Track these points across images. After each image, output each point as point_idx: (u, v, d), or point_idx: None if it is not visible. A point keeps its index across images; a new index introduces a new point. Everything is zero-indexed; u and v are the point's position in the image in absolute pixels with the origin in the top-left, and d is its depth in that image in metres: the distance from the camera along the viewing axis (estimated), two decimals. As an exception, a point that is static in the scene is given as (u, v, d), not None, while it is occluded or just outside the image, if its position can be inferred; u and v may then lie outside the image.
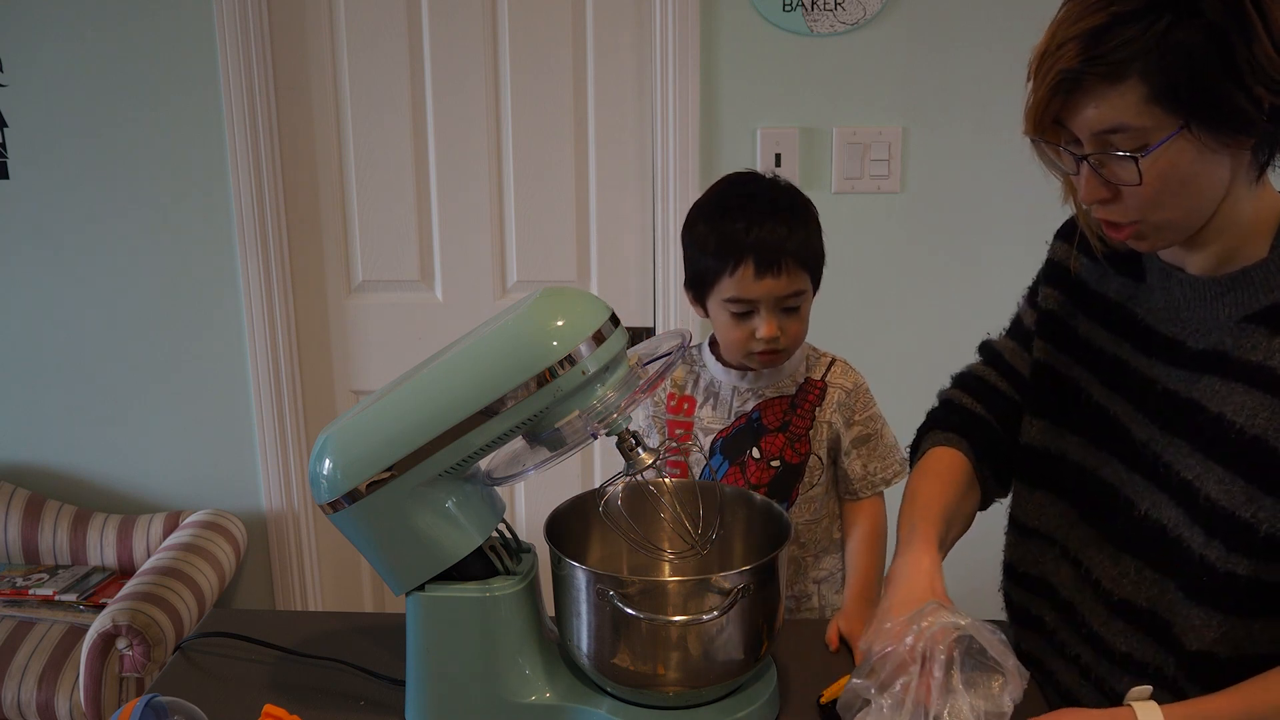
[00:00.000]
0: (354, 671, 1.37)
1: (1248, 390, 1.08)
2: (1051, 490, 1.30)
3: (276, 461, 2.69)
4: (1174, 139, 1.02)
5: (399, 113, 2.55)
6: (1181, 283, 1.16)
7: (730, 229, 1.45)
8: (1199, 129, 1.02)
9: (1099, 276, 1.27)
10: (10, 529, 2.66)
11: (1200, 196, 1.07)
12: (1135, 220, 1.09)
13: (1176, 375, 1.15)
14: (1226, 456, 1.09)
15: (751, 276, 1.44)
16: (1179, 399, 1.14)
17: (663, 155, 2.48)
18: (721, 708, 1.23)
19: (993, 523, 1.43)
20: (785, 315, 1.48)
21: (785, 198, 1.50)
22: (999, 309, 2.53)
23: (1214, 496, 1.09)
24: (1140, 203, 1.07)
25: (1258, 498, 1.06)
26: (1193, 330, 1.15)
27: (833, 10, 2.40)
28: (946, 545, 1.31)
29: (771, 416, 1.56)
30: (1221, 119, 1.01)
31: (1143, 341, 1.20)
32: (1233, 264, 1.11)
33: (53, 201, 2.60)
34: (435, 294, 2.67)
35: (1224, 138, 1.03)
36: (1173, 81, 1.00)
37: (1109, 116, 1.03)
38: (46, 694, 2.29)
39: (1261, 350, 1.07)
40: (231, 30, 2.44)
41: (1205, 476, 1.10)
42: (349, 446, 1.19)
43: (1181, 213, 1.08)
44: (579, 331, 1.13)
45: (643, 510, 1.35)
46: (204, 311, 2.63)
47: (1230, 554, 1.09)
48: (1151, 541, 1.16)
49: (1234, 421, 1.08)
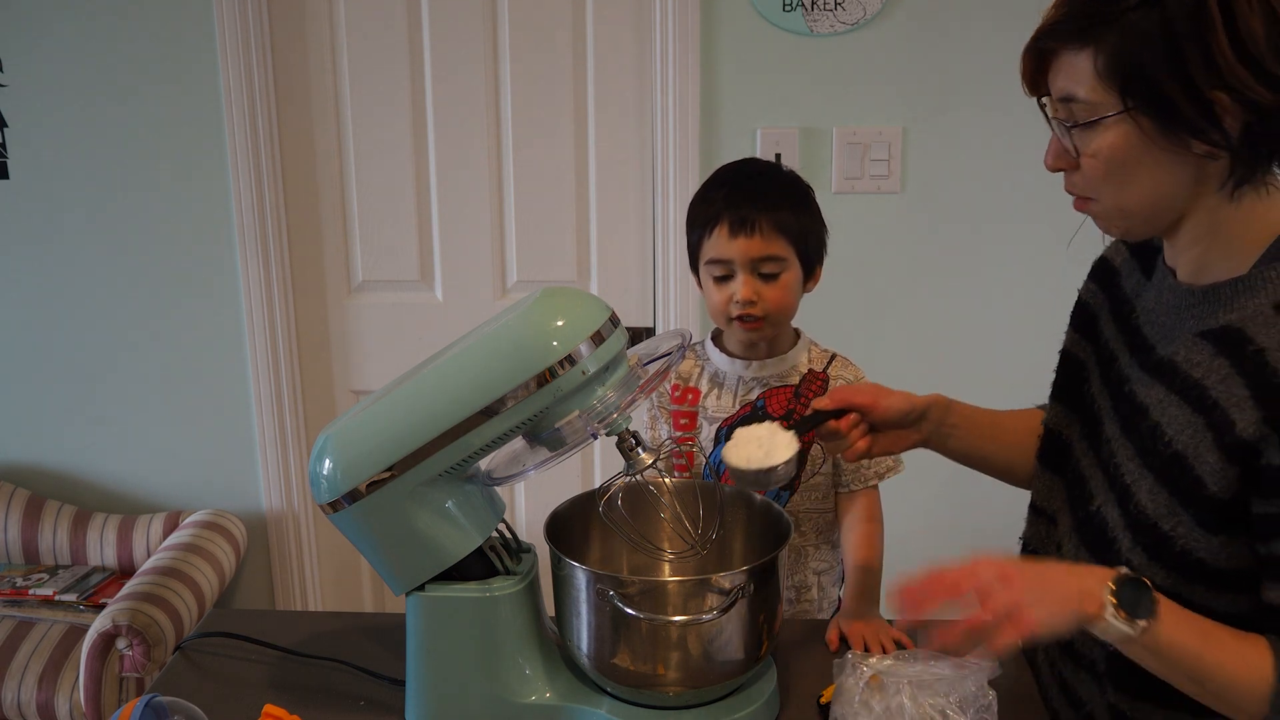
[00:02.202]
0: (354, 671, 1.37)
1: (1180, 405, 1.07)
2: (1057, 473, 1.32)
3: (276, 462, 2.69)
4: (1116, 120, 1.02)
5: (399, 113, 2.55)
6: (1170, 287, 1.16)
7: (712, 197, 1.53)
8: (1141, 117, 1.02)
9: (1128, 271, 1.27)
10: (10, 529, 2.66)
11: (1145, 189, 1.06)
12: (1090, 198, 1.10)
13: (1141, 379, 1.15)
14: (1157, 467, 1.08)
15: (726, 236, 1.50)
16: (1136, 402, 1.14)
17: (663, 155, 2.48)
18: (721, 708, 1.23)
19: (1018, 503, 1.43)
20: (763, 281, 1.51)
21: (774, 175, 1.57)
22: (999, 309, 2.55)
23: (1143, 504, 1.09)
24: (1087, 179, 1.08)
25: (1178, 512, 1.06)
26: (1162, 336, 1.15)
27: (833, 10, 2.40)
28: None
29: (776, 404, 1.57)
30: (1164, 114, 1.01)
31: (1132, 340, 1.21)
32: (1209, 276, 1.10)
33: (53, 201, 2.60)
34: (435, 294, 2.67)
35: (1170, 135, 1.01)
36: (1119, 62, 1.01)
37: (1066, 84, 1.05)
38: (46, 694, 2.29)
39: (1202, 368, 1.06)
40: (231, 30, 2.44)
41: (1140, 483, 1.10)
42: (349, 446, 1.19)
43: (1129, 201, 1.07)
44: (579, 331, 1.13)
45: (643, 510, 1.35)
46: (204, 311, 2.63)
47: (1150, 563, 1.09)
48: (1097, 538, 1.17)
49: (1165, 433, 1.07)
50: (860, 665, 1.20)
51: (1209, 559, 1.06)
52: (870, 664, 1.20)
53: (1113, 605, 1.01)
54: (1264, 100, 0.98)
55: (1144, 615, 1.01)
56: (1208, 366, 1.05)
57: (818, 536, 1.62)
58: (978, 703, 1.15)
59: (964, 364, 2.55)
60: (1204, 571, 1.06)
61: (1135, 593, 1.02)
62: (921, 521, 2.43)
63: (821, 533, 1.62)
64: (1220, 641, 1.03)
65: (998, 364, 2.49)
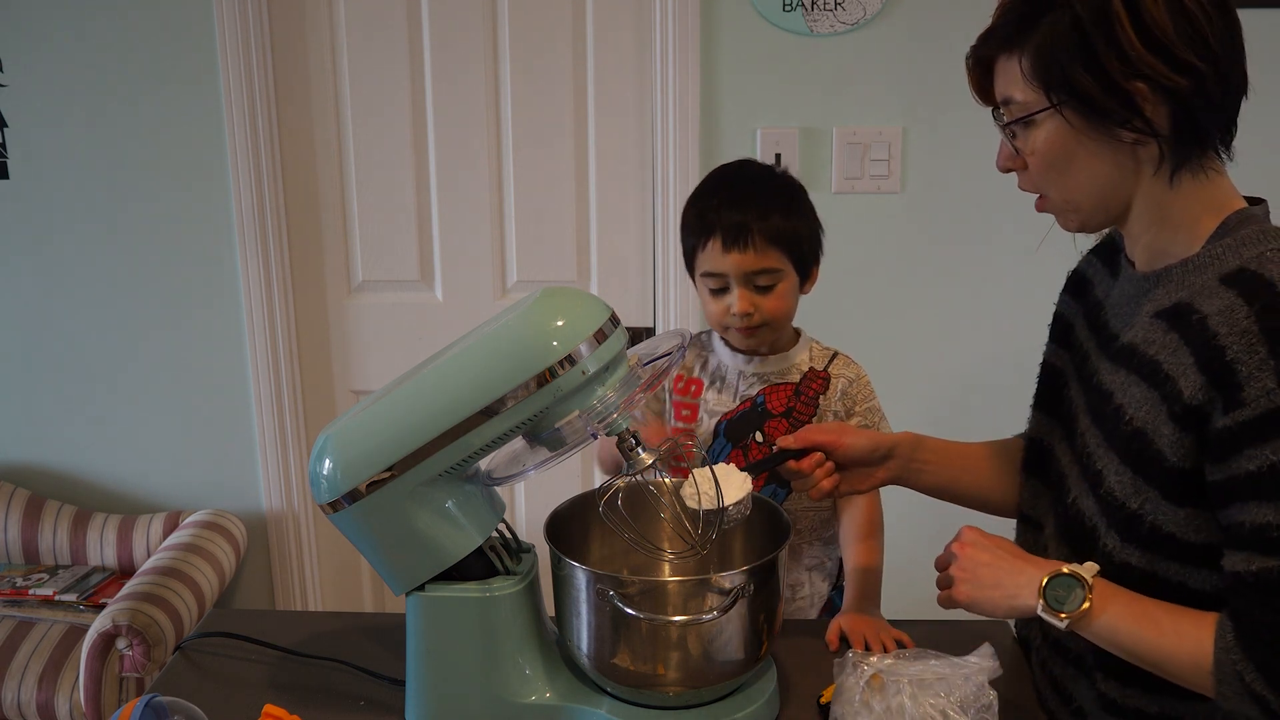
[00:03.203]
0: (354, 671, 1.37)
1: (1139, 383, 1.11)
2: (1040, 479, 1.34)
3: (276, 462, 2.69)
4: (1046, 117, 1.10)
5: (399, 113, 2.55)
6: (1129, 277, 1.20)
7: (705, 206, 1.52)
8: (1068, 112, 1.08)
9: (1100, 278, 1.30)
10: (10, 529, 2.66)
11: (1086, 180, 1.12)
12: (1041, 195, 1.17)
13: (1106, 367, 1.19)
14: (1120, 448, 1.12)
15: (719, 250, 1.49)
16: (1102, 390, 1.18)
17: (663, 155, 2.48)
18: (721, 708, 1.23)
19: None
20: (759, 293, 1.50)
21: (768, 180, 1.55)
22: (999, 309, 2.55)
23: (1111, 486, 1.13)
24: (1034, 177, 1.15)
25: (1143, 489, 1.10)
26: (1123, 323, 1.18)
27: (833, 10, 2.40)
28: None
29: (776, 402, 1.57)
30: (1088, 107, 1.07)
31: (1099, 335, 1.24)
32: (1163, 261, 1.14)
33: (53, 201, 2.60)
34: (435, 294, 2.67)
35: (1098, 126, 1.07)
36: (1040, 62, 1.08)
37: (1003, 88, 1.13)
38: (46, 694, 2.29)
39: (1156, 345, 1.10)
40: (231, 30, 2.44)
41: (1108, 467, 1.14)
42: (349, 446, 1.19)
43: (1074, 193, 1.14)
44: (579, 331, 1.13)
45: (643, 510, 1.35)
46: (204, 311, 2.63)
47: (1124, 545, 1.12)
48: (1076, 530, 1.20)
49: (1125, 413, 1.12)
50: (861, 664, 1.20)
51: (1178, 533, 1.09)
52: (871, 663, 1.20)
53: (1042, 600, 1.10)
54: (1180, 87, 1.04)
55: (1070, 608, 1.09)
56: (1160, 343, 1.09)
57: (812, 534, 1.63)
58: (978, 703, 1.15)
59: (963, 364, 2.54)
60: (1176, 546, 1.10)
61: (1066, 589, 1.10)
62: (921, 523, 2.43)
63: (816, 530, 1.63)
64: (1156, 621, 1.08)
65: (997, 364, 2.48)
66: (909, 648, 1.32)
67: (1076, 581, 1.10)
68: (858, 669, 1.20)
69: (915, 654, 1.23)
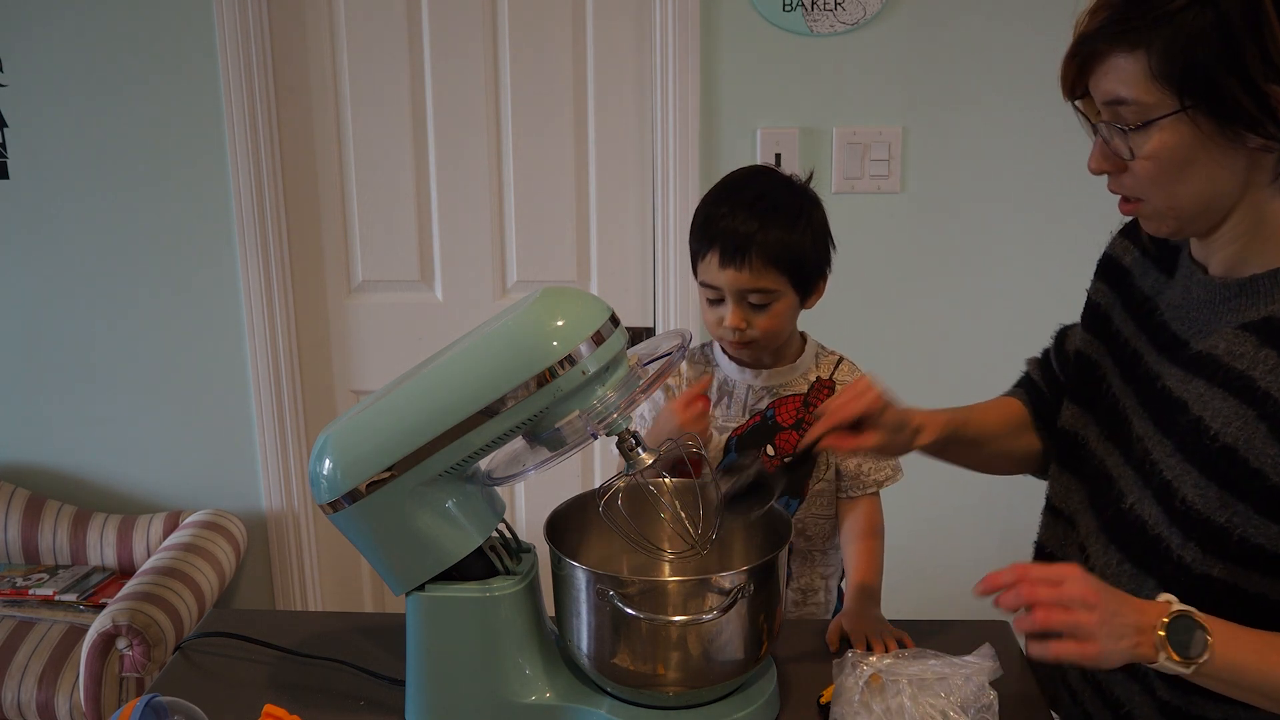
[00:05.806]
0: (354, 671, 1.37)
1: (1226, 398, 1.07)
2: (1075, 474, 1.31)
3: (276, 461, 2.69)
4: (1171, 120, 1.02)
5: (399, 113, 2.55)
6: (1200, 282, 1.15)
7: (712, 213, 1.49)
8: (1198, 115, 1.02)
9: (1142, 270, 1.27)
10: (10, 529, 2.66)
11: (1200, 186, 1.06)
12: (1139, 199, 1.10)
13: (1175, 374, 1.15)
14: (1202, 461, 1.08)
15: (716, 264, 1.47)
16: (1171, 398, 1.14)
17: (663, 155, 2.48)
18: (721, 708, 1.23)
19: (1033, 504, 1.44)
20: (753, 310, 1.49)
21: (778, 194, 1.50)
22: (999, 308, 2.54)
23: (1190, 499, 1.09)
24: (1138, 181, 1.08)
25: (1231, 503, 1.06)
26: (1197, 331, 1.15)
27: (833, 10, 2.40)
28: (952, 425, 1.32)
29: (785, 414, 1.56)
30: (1222, 110, 1.01)
31: (1157, 337, 1.20)
32: (1247, 269, 1.10)
33: (53, 201, 2.59)
34: (435, 294, 2.67)
35: (1227, 131, 1.02)
36: (1174, 62, 1.00)
37: (1115, 87, 1.04)
38: (46, 694, 2.29)
39: (1247, 360, 1.06)
40: (231, 30, 2.44)
41: (1183, 478, 1.10)
42: (349, 446, 1.19)
43: (1183, 199, 1.07)
44: (579, 331, 1.13)
45: (643, 510, 1.35)
46: (204, 311, 2.63)
47: (1205, 556, 1.09)
48: (1133, 536, 1.17)
49: (1210, 427, 1.08)
50: (860, 664, 1.20)
51: (1268, 544, 1.06)
52: (870, 663, 1.20)
53: (1166, 647, 1.01)
54: None
55: (1197, 653, 1.01)
56: (1253, 358, 1.06)
57: (825, 542, 1.62)
58: (978, 703, 1.15)
59: (963, 364, 2.54)
60: (1263, 557, 1.06)
61: (1188, 632, 1.01)
62: (921, 526, 2.43)
63: (829, 538, 1.62)
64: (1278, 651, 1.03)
65: (997, 364, 2.48)
66: (909, 647, 1.32)
67: (1195, 623, 1.02)
68: (857, 669, 1.19)
69: (915, 654, 1.23)
